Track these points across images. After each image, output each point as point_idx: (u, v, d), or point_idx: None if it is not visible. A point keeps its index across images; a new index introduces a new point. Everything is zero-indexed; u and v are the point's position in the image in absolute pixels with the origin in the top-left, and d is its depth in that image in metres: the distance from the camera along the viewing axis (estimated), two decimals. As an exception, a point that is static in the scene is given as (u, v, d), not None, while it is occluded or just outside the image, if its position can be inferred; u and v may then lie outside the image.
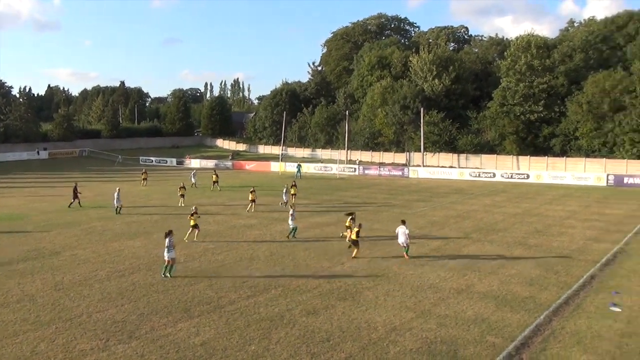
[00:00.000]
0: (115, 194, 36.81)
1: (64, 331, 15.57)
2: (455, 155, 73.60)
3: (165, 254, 20.86)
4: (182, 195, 41.03)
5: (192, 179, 53.54)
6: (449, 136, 74.46)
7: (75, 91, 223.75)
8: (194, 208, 29.61)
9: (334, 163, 74.31)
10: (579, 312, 17.01)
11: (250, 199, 37.82)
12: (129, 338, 15.02)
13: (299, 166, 67.24)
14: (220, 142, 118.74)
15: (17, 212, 38.82)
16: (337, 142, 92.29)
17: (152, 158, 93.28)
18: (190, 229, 27.56)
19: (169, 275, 20.79)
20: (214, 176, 50.89)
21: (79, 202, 40.08)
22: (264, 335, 15.18)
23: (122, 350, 14.28)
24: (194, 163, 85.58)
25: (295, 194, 41.20)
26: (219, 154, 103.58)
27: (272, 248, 25.80)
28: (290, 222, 27.79)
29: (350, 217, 26.26)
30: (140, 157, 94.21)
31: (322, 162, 79.75)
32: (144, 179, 55.55)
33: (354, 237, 23.85)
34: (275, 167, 75.65)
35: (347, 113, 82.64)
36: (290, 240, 27.29)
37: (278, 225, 31.96)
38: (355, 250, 23.81)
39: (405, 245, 23.42)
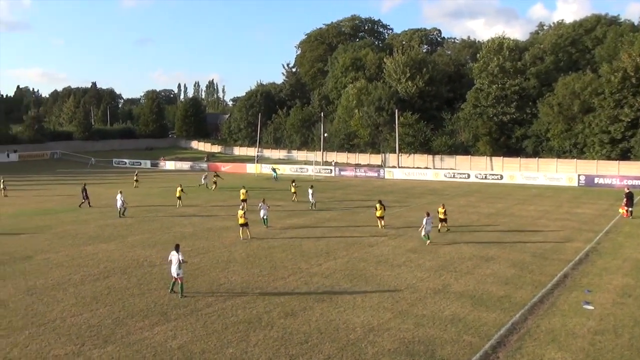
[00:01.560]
0: (119, 197, 36.70)
1: (38, 337, 15.24)
2: (430, 157, 74.26)
3: (174, 269, 18.64)
4: (180, 198, 41.23)
5: (203, 181, 56.27)
6: (423, 137, 75.08)
7: (45, 92, 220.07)
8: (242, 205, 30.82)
9: (310, 164, 74.33)
10: (553, 311, 17.29)
11: (241, 198, 39.03)
12: (105, 342, 14.77)
13: (274, 169, 67.00)
14: (195, 144, 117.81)
15: (-14, 215, 38.00)
16: (312, 144, 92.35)
17: (125, 160, 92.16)
18: (241, 228, 28.07)
19: (179, 293, 18.74)
20: (214, 178, 54.92)
21: (89, 203, 40.73)
22: (242, 338, 15.08)
23: (98, 355, 14.04)
24: (169, 165, 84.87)
25: (295, 193, 44.04)
26: (194, 155, 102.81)
27: (249, 250, 25.67)
28: (262, 212, 31.00)
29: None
30: (114, 159, 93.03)
31: (298, 164, 79.72)
32: (135, 181, 57.19)
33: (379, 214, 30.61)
34: (252, 168, 75.37)
35: (322, 114, 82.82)
36: (267, 238, 27.20)
37: (254, 227, 31.88)
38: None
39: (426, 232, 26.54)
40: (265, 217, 31.38)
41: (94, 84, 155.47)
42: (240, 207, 30.44)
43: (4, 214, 38.58)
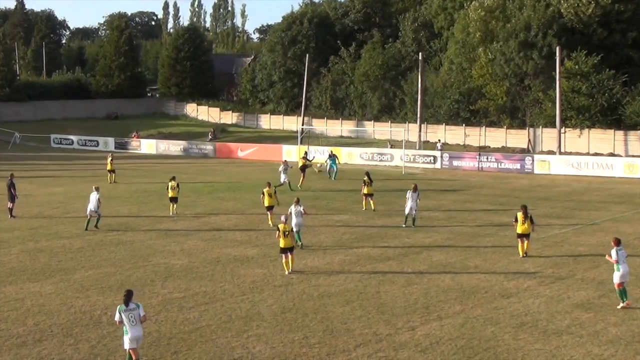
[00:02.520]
0: (94, 196, 38.66)
1: None
2: (621, 134, 73.17)
3: (129, 332, 18.72)
4: (174, 199, 42.60)
5: (282, 177, 54.89)
6: (608, 99, 73.70)
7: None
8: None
9: (398, 148, 74.20)
10: None
11: (265, 204, 40.25)
12: None
13: (332, 157, 66.43)
14: (193, 109, 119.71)
15: None
16: (401, 110, 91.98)
17: (71, 137, 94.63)
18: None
19: None
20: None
21: (11, 210, 42.72)
22: None
23: None
24: (146, 146, 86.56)
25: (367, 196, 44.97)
26: (191, 129, 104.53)
27: (284, 299, 25.92)
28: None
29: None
30: (52, 136, 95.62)
31: (375, 146, 79.64)
32: (110, 171, 59.38)
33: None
34: (292, 154, 75.90)
35: (419, 56, 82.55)
36: (318, 275, 27.42)
37: (295, 255, 32.13)
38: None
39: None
40: (298, 230, 33.65)
41: (19, 2, 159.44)
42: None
43: None
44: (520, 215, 32.01)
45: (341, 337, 21.99)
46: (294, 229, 32.73)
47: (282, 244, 29.24)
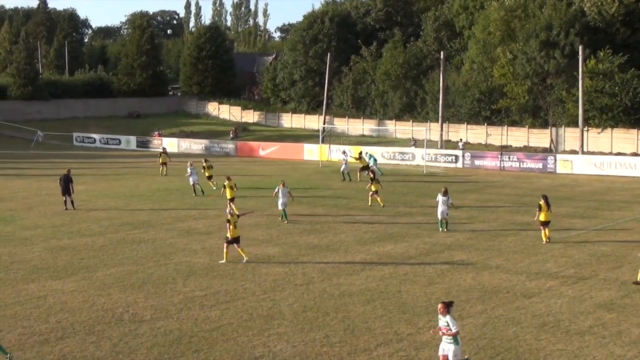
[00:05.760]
0: (189, 169, 46.32)
1: None
2: (644, 134, 72.75)
3: None
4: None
5: (343, 167, 59.39)
6: (632, 98, 73.34)
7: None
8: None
9: (419, 147, 74.13)
10: None
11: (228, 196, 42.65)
12: None
13: (371, 156, 66.28)
14: (214, 108, 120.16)
15: None
16: (422, 109, 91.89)
17: (94, 136, 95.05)
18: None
19: None
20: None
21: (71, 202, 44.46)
22: None
23: None
24: (168, 144, 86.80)
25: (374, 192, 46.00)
26: (212, 128, 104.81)
27: (305, 298, 25.98)
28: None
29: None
30: (75, 134, 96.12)
31: (396, 145, 79.59)
32: (162, 164, 62.20)
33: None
34: (313, 153, 75.93)
35: (441, 55, 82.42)
36: (338, 276, 27.41)
37: (316, 254, 32.16)
38: None
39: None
40: (284, 209, 40.08)
41: (42, 1, 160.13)
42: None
43: None
44: (542, 203, 34.00)
45: (362, 336, 22.02)
46: (280, 208, 40.03)
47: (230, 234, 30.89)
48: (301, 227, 38.88)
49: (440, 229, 37.40)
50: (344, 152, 63.78)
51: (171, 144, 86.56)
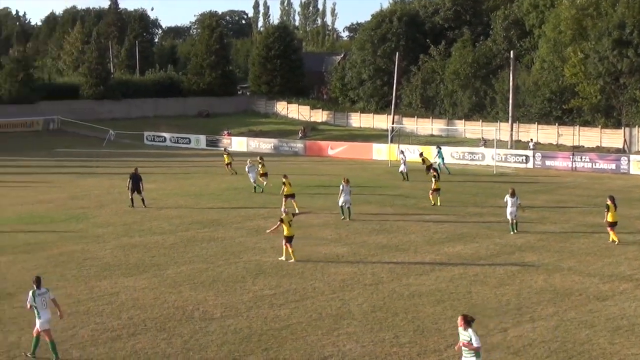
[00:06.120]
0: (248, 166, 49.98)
1: None
2: None
3: (41, 315, 20.31)
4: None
5: (402, 167, 59.22)
6: None
7: (36, 17, 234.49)
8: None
9: (489, 147, 73.58)
10: None
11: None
12: None
13: (439, 149, 66.21)
14: (283, 107, 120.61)
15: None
16: (492, 109, 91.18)
17: (164, 135, 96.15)
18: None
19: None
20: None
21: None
22: None
23: None
24: (236, 143, 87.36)
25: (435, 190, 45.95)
26: (281, 127, 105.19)
27: (374, 297, 25.99)
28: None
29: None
30: (145, 133, 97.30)
31: (465, 145, 79.10)
32: (227, 164, 62.81)
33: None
34: (382, 152, 75.83)
35: (510, 55, 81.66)
36: (408, 276, 27.34)
37: (386, 254, 32.11)
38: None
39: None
40: (349, 207, 40.87)
41: (113, 2, 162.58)
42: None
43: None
44: (610, 203, 34.13)
45: (432, 337, 21.97)
46: (345, 205, 40.59)
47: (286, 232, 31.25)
48: (370, 226, 38.86)
49: (512, 232, 36.99)
50: (401, 152, 63.62)
51: (240, 143, 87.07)
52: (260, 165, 53.40)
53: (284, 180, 43.85)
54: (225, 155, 63.70)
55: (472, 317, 17.34)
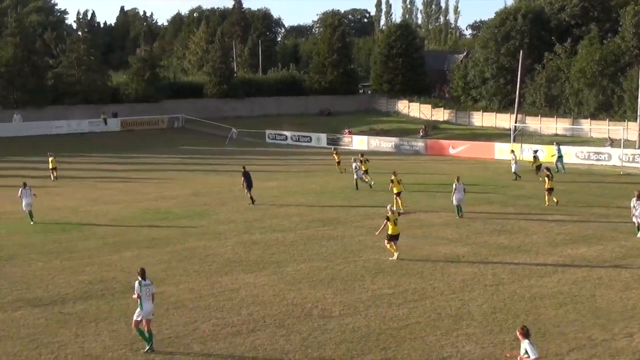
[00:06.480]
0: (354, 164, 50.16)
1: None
2: None
3: (144, 305, 21.13)
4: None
5: (514, 167, 58.80)
6: None
7: (162, 18, 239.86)
8: None
9: (616, 147, 71.76)
10: None
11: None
12: None
13: (559, 148, 65.16)
14: (404, 106, 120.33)
15: (71, 217, 42.62)
16: (620, 108, 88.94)
17: (285, 133, 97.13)
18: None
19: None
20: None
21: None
22: None
23: None
24: (357, 142, 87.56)
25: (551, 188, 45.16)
26: (402, 126, 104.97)
27: (495, 299, 25.71)
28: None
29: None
30: (267, 131, 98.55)
31: (591, 145, 77.39)
32: (337, 163, 63.29)
33: None
34: (504, 152, 74.84)
35: (640, 52, 79.45)
36: (530, 278, 26.90)
37: (507, 254, 31.63)
38: None
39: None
40: (459, 205, 41.17)
41: (237, 2, 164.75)
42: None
43: (101, 213, 43.12)
44: None
45: (554, 341, 21.57)
46: (455, 203, 40.92)
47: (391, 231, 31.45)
48: (491, 226, 38.39)
49: (638, 233, 35.90)
50: (512, 152, 62.59)
51: (361, 142, 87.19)
52: (362, 162, 53.97)
53: (392, 177, 43.94)
54: (334, 154, 64.10)
55: (529, 329, 17.21)
